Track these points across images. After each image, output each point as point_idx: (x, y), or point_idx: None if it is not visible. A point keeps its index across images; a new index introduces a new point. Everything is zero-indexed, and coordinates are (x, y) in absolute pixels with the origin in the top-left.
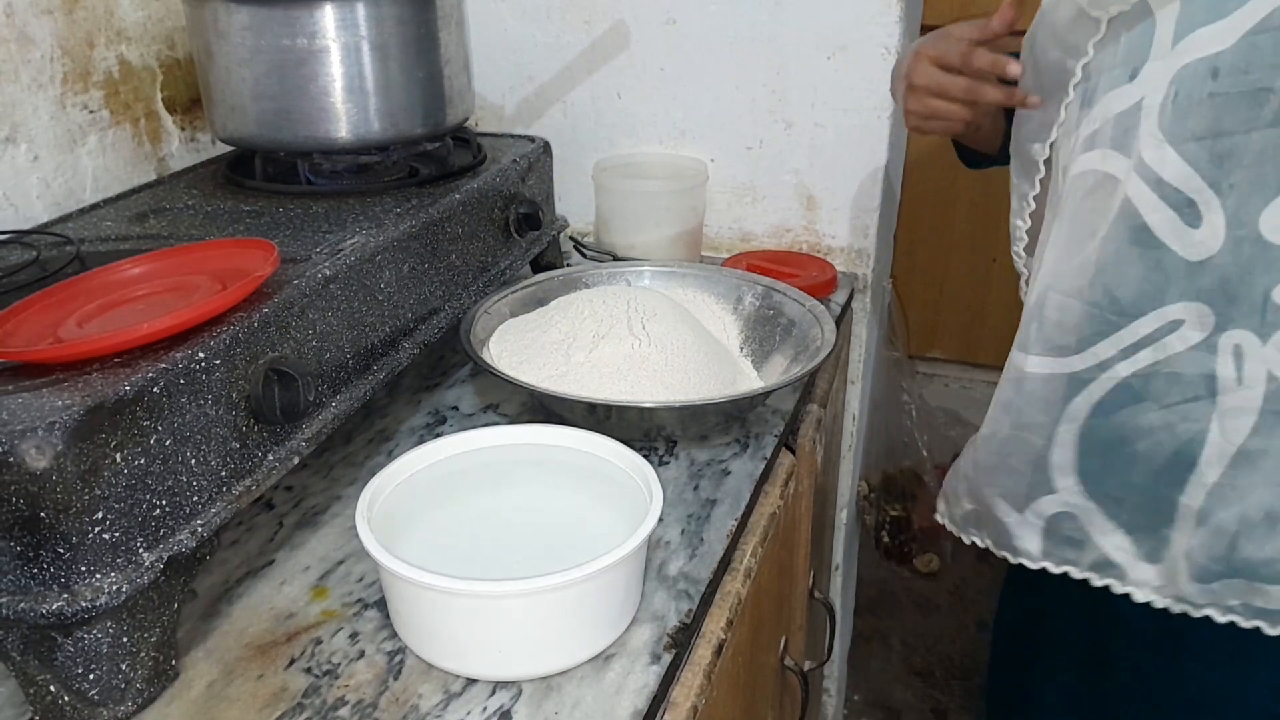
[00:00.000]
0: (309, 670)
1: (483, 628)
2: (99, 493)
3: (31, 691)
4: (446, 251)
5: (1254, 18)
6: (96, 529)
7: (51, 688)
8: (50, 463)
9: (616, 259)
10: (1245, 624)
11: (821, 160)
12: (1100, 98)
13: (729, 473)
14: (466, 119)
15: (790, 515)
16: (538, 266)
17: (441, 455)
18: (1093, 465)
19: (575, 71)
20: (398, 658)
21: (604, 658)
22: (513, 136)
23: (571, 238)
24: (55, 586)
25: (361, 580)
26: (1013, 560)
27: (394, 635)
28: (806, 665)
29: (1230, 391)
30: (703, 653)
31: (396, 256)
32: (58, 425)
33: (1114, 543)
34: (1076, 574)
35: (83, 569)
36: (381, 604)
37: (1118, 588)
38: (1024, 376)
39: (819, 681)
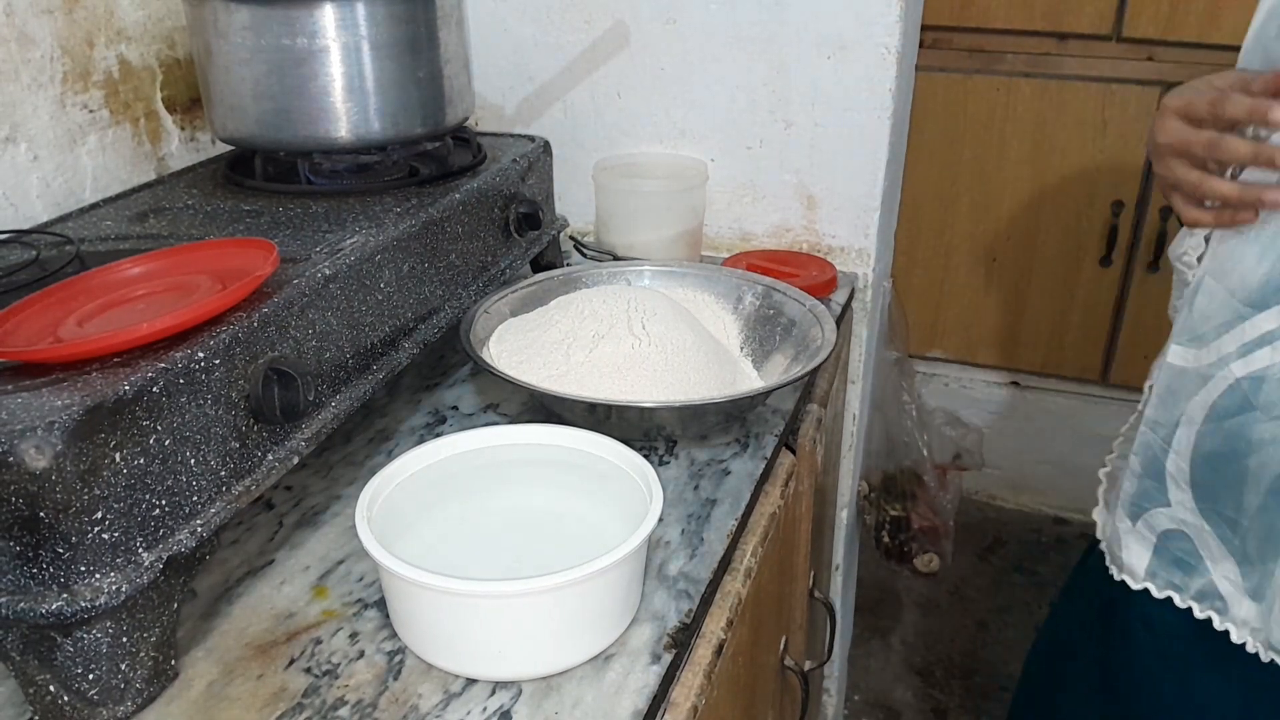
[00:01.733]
0: (309, 670)
1: (482, 627)
2: (98, 492)
3: (31, 691)
4: (446, 251)
5: None
6: (96, 529)
7: (51, 688)
8: (50, 462)
9: (616, 259)
10: None
11: (821, 160)
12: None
13: (729, 472)
14: (466, 119)
15: (790, 515)
16: (538, 266)
17: (441, 455)
18: (1206, 478)
19: (575, 71)
20: (397, 658)
21: (604, 657)
22: (513, 136)
23: (571, 237)
24: (55, 586)
25: (361, 580)
26: (1116, 576)
27: (394, 635)
28: (806, 665)
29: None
30: (703, 652)
31: (396, 256)
32: (57, 425)
33: (1223, 571)
34: (1180, 602)
35: (82, 569)
36: (381, 604)
37: (1218, 623)
38: (1163, 366)
39: (819, 681)
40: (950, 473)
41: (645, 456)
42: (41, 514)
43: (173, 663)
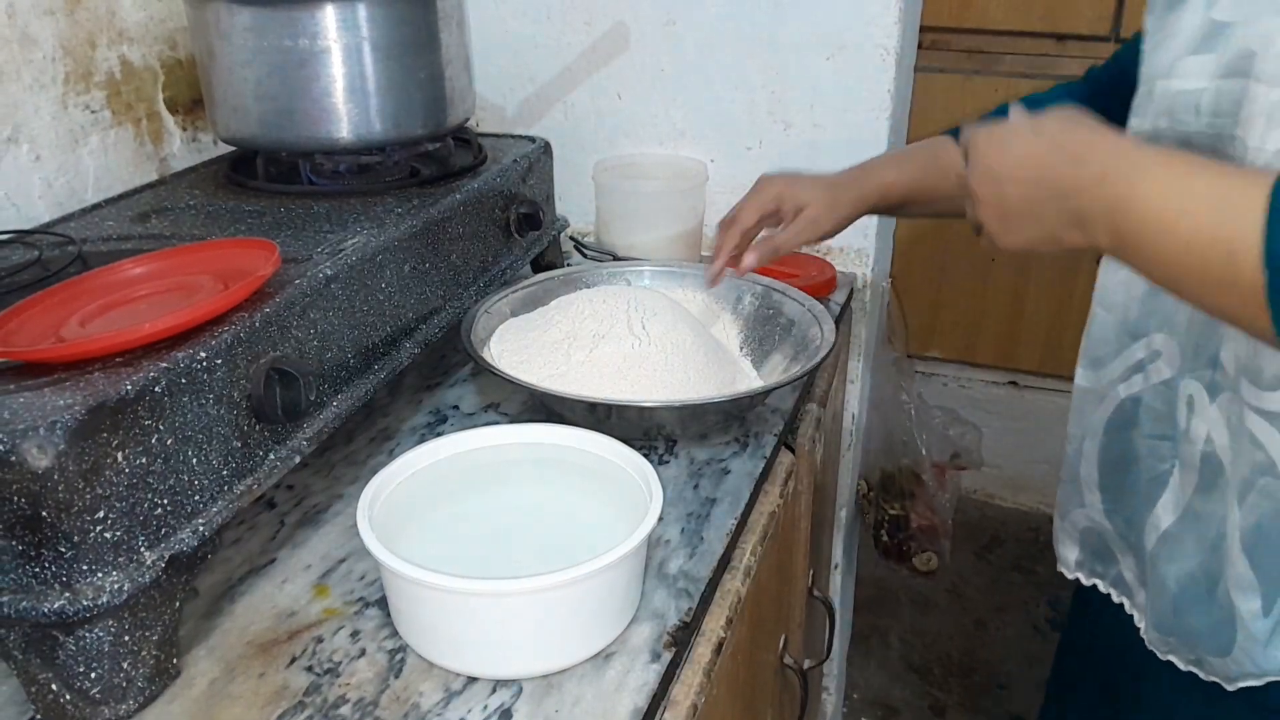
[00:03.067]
0: (310, 668)
1: (482, 626)
2: (101, 492)
3: (33, 690)
4: (447, 251)
5: (1222, 61)
6: (98, 528)
7: (53, 686)
8: (52, 462)
9: (616, 259)
10: (1205, 678)
11: (820, 161)
12: (1140, 109)
13: (729, 472)
14: (467, 119)
15: (789, 514)
16: (538, 266)
17: (442, 454)
18: (1109, 483)
19: (576, 72)
20: (399, 656)
21: (604, 656)
22: (513, 137)
23: (572, 238)
24: (57, 585)
25: (363, 579)
26: (1059, 567)
27: (395, 633)
28: (806, 663)
29: (1183, 441)
30: (702, 651)
31: (397, 256)
32: (59, 425)
33: (1127, 563)
34: (1103, 587)
35: (84, 568)
36: (383, 602)
37: (1128, 607)
38: (1074, 387)
39: (818, 679)
40: (949, 472)
41: (645, 456)
42: (44, 513)
43: (174, 661)
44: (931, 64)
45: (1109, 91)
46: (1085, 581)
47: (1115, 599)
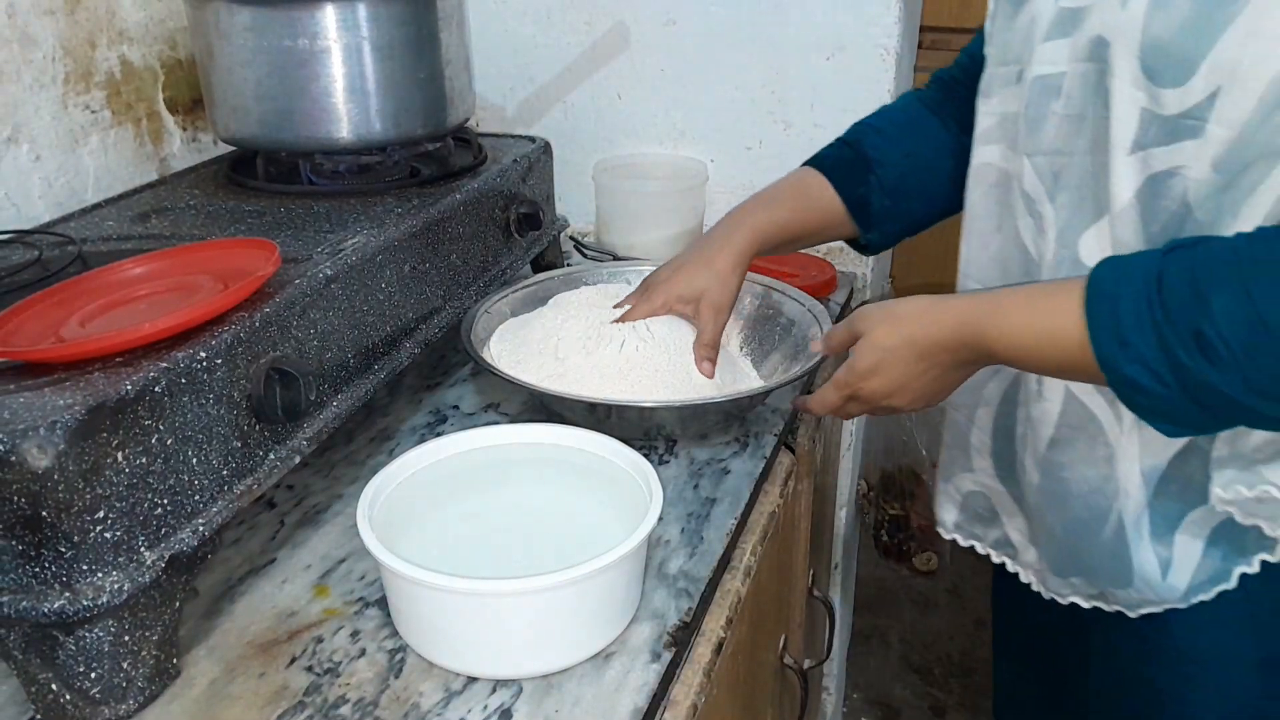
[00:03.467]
0: (310, 669)
1: (483, 626)
2: (101, 492)
3: (33, 690)
4: (447, 251)
5: (1080, 44)
6: (98, 528)
7: (53, 686)
8: (52, 462)
9: (616, 259)
10: (1109, 609)
11: None
12: (997, 91)
13: (729, 472)
14: (467, 119)
15: (789, 514)
16: (538, 266)
17: (443, 454)
18: (1003, 449)
19: (576, 72)
20: (399, 656)
21: (604, 656)
22: (513, 137)
23: (572, 238)
24: (57, 585)
25: (363, 579)
26: (937, 528)
27: (395, 633)
28: (806, 663)
29: (1034, 402)
30: (702, 651)
31: (397, 256)
32: (59, 424)
33: (1015, 525)
34: (980, 549)
35: (84, 568)
36: (383, 602)
37: (1010, 566)
38: None
39: (818, 679)
40: None
41: (645, 456)
42: (44, 513)
43: (174, 661)
44: (931, 64)
45: (968, 88)
46: (963, 543)
47: (995, 559)
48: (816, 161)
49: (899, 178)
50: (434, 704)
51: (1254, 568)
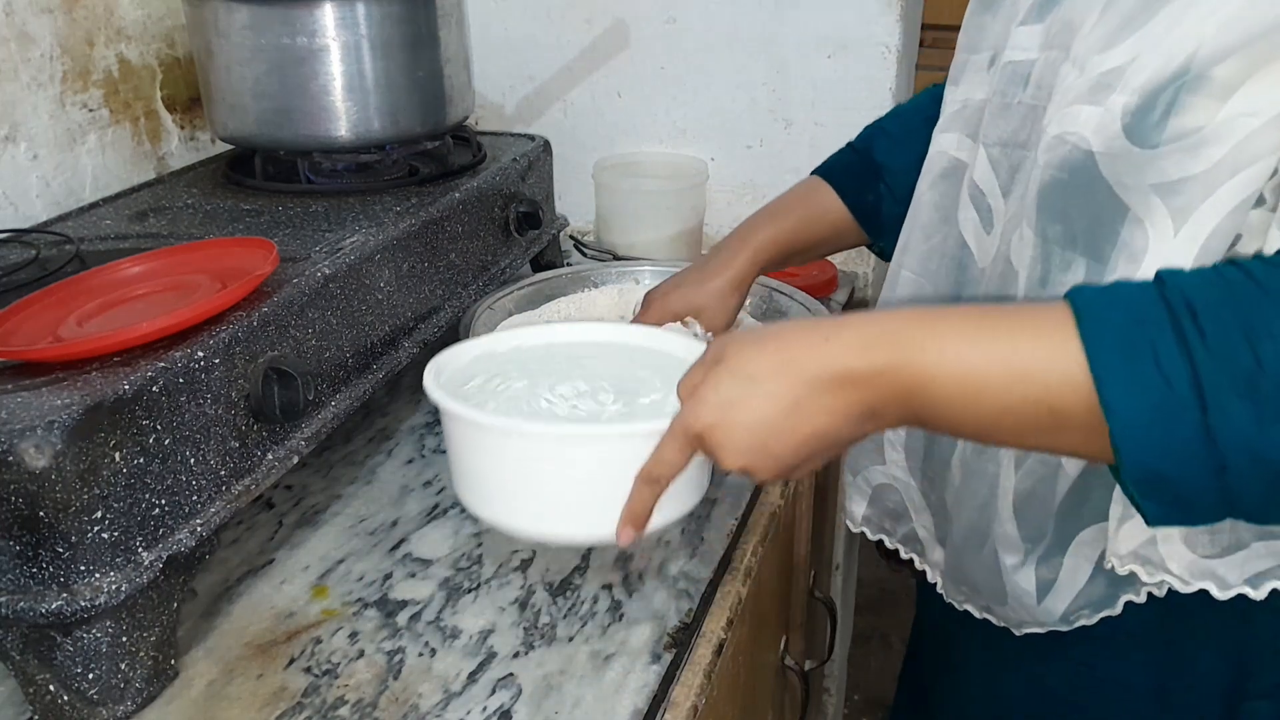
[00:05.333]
0: (309, 670)
1: (545, 477)
2: (98, 492)
3: (31, 691)
4: (446, 250)
5: (1052, 30)
6: (96, 528)
7: (51, 687)
8: (49, 462)
9: (617, 258)
10: (997, 624)
11: (821, 159)
12: (965, 79)
13: (729, 472)
14: (466, 118)
15: (790, 514)
16: (538, 265)
17: (506, 346)
18: (915, 443)
19: (575, 70)
20: (397, 657)
21: (604, 657)
22: (513, 135)
23: (572, 237)
24: (54, 586)
25: (361, 579)
26: (847, 520)
27: (394, 634)
28: (807, 664)
29: None
30: (703, 652)
31: (396, 255)
32: (57, 424)
33: (922, 521)
34: (889, 544)
35: (82, 568)
36: (381, 603)
37: (918, 564)
38: None
39: (819, 681)
40: None
41: None
42: (41, 513)
43: (172, 662)
44: (933, 63)
45: None
46: (871, 536)
47: (904, 554)
48: (825, 170)
49: (911, 184)
50: (433, 705)
51: (1140, 598)
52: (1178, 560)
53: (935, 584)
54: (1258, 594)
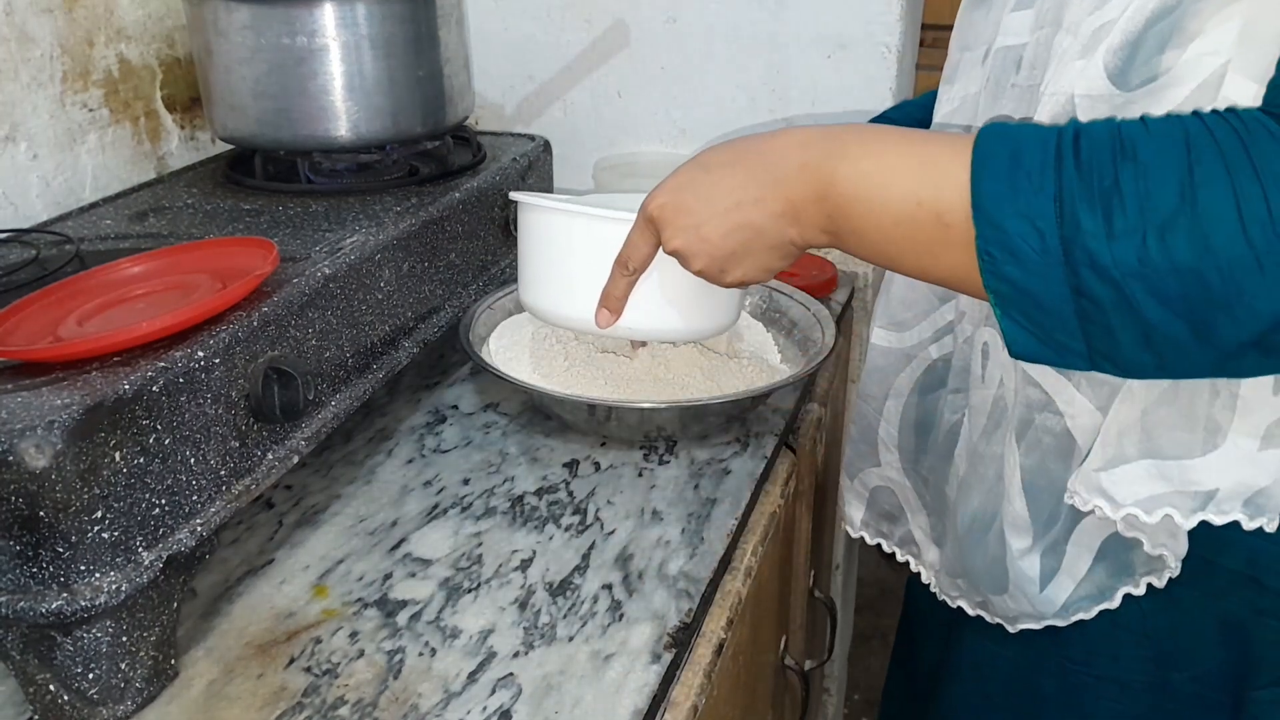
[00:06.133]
0: (309, 669)
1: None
2: (98, 492)
3: (31, 690)
4: (446, 250)
5: (1042, 11)
6: (96, 528)
7: (51, 687)
8: (49, 462)
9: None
10: (991, 620)
11: None
12: (960, 76)
13: (729, 472)
14: (466, 118)
15: (790, 514)
16: None
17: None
18: (909, 443)
19: (575, 70)
20: (397, 657)
21: (604, 657)
22: (513, 135)
23: None
24: (54, 585)
25: (361, 579)
26: (844, 526)
27: (394, 634)
28: (807, 664)
29: (977, 388)
30: (703, 652)
31: (396, 255)
32: (57, 424)
33: (918, 521)
34: (887, 547)
35: (82, 568)
36: (381, 603)
37: (914, 565)
38: (870, 348)
39: (819, 680)
40: None
41: (645, 457)
42: (41, 513)
43: (172, 662)
44: (933, 62)
45: None
46: (870, 541)
47: (900, 558)
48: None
49: None
50: (433, 705)
51: (1139, 589)
52: (1083, 480)
53: (929, 584)
54: (1150, 518)
